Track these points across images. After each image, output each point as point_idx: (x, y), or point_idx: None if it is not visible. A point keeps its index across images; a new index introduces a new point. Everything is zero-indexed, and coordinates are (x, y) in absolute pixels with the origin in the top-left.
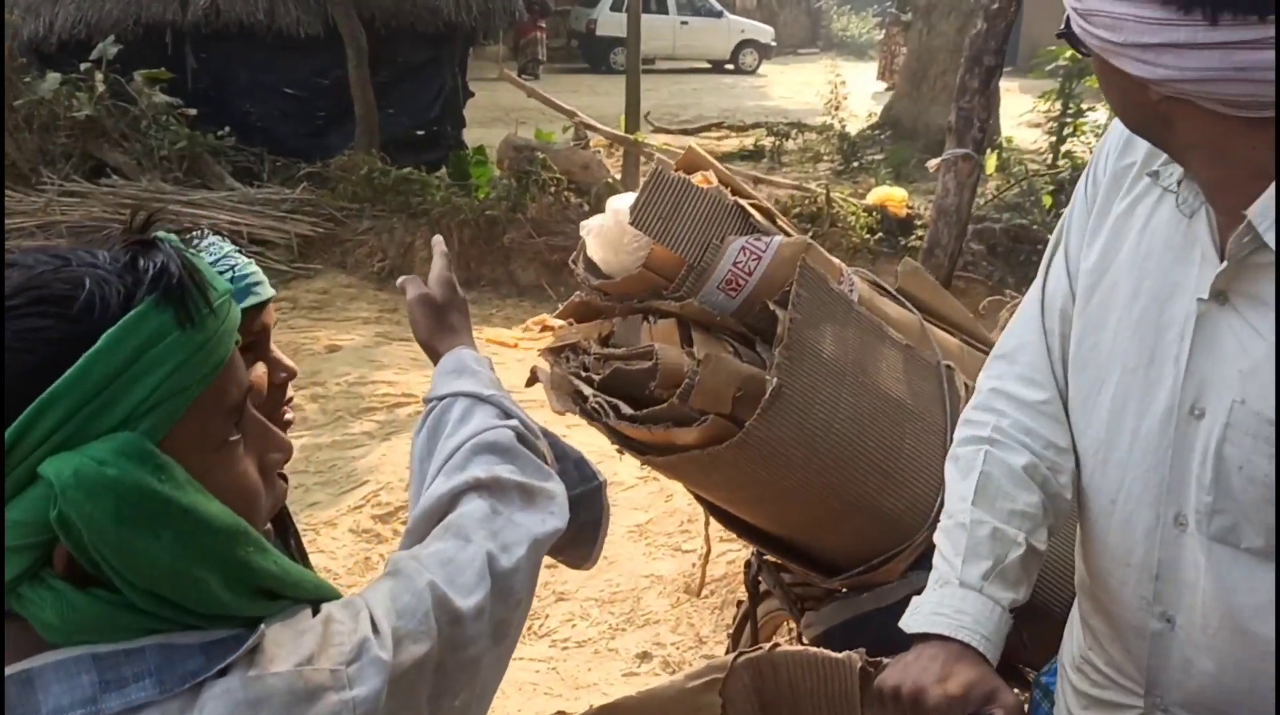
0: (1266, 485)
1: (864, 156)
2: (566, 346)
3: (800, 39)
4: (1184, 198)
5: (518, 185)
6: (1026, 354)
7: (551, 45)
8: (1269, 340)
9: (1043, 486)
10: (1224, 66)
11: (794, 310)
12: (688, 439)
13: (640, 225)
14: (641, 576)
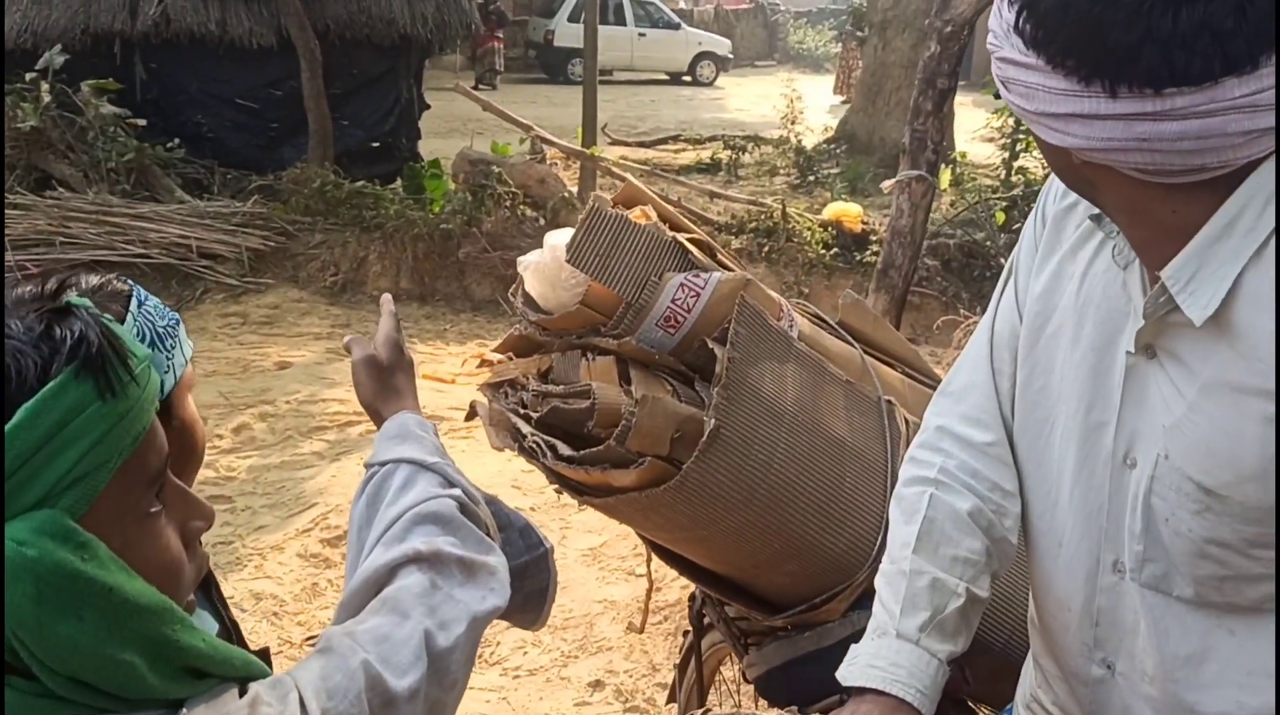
0: (1192, 540)
1: (820, 170)
2: (505, 382)
3: (758, 51)
4: (1119, 248)
5: (473, 199)
6: (974, 394)
7: (510, 55)
8: (1188, 399)
9: (987, 531)
10: (1127, 137)
11: (732, 348)
12: (625, 481)
13: (577, 263)
14: (594, 602)
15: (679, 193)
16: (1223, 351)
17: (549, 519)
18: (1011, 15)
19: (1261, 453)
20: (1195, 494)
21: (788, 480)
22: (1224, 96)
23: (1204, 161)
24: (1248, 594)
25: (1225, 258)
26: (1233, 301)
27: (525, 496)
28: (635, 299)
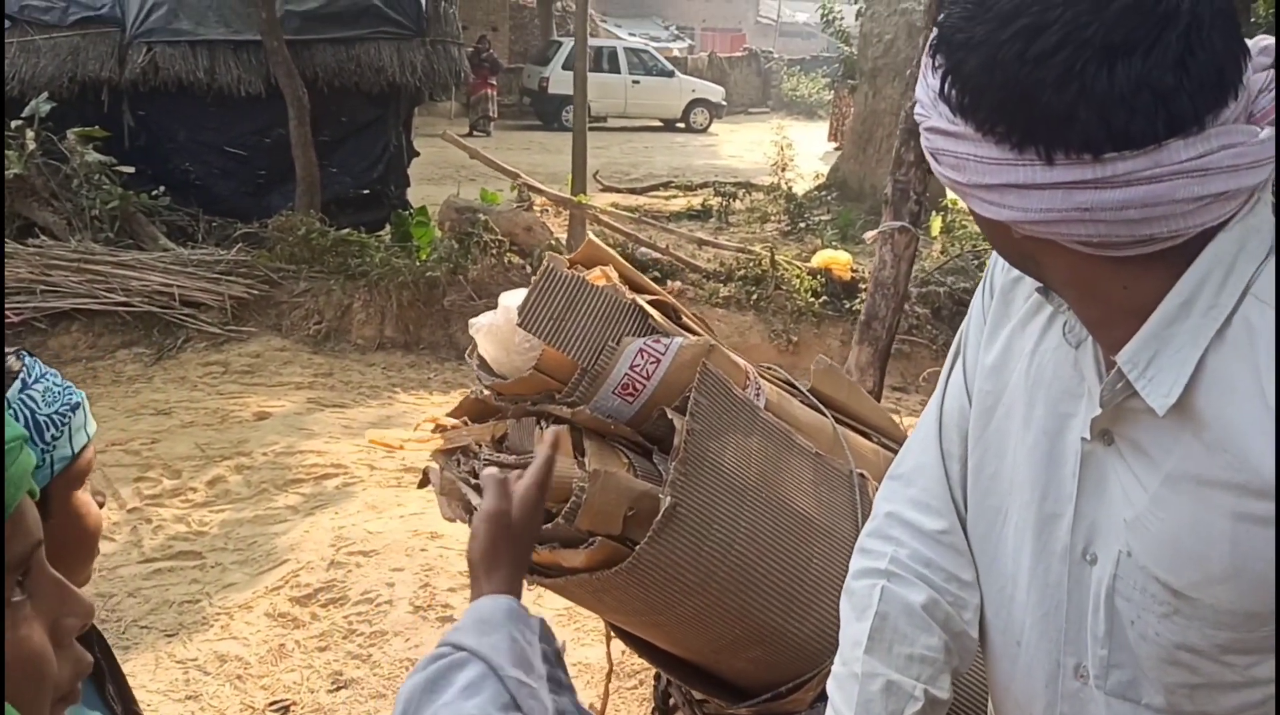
0: (1161, 645)
1: (811, 217)
2: (458, 448)
3: (751, 99)
4: (1070, 326)
5: (459, 247)
6: (924, 477)
7: (504, 102)
8: (1150, 491)
9: (944, 626)
10: (1067, 207)
11: (692, 419)
12: (575, 562)
13: (529, 327)
14: (570, 665)
15: (668, 240)
16: (1186, 441)
17: None
18: (936, 81)
19: (1231, 552)
20: (1162, 595)
21: (750, 561)
22: (1169, 160)
23: (1152, 231)
24: (1222, 703)
25: (1185, 340)
26: (1195, 387)
27: None
28: (591, 365)
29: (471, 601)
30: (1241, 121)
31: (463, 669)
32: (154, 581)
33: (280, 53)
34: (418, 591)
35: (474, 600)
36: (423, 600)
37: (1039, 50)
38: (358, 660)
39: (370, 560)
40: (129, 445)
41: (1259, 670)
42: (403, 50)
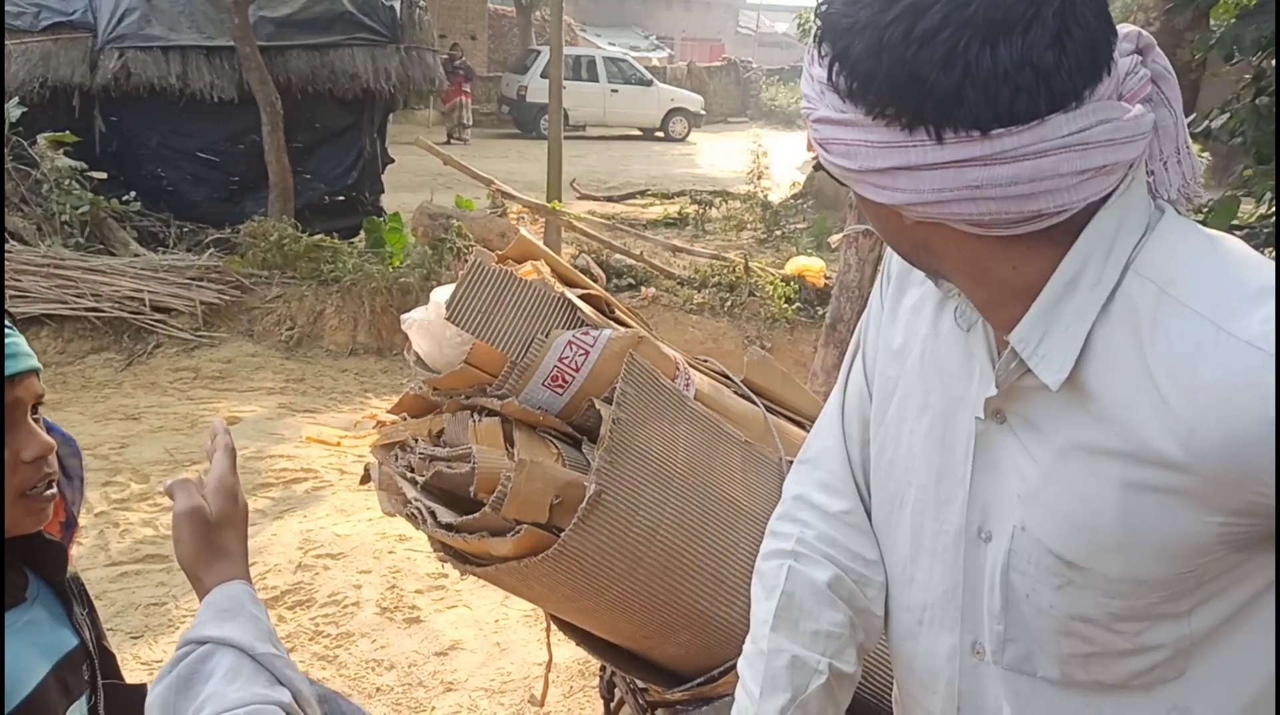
0: (1055, 616)
1: (787, 225)
2: (397, 443)
3: (730, 108)
4: (961, 310)
5: (432, 253)
6: (828, 460)
7: (483, 111)
8: (1042, 465)
9: (849, 602)
10: (958, 185)
11: (618, 408)
12: (503, 550)
13: (458, 320)
14: (535, 665)
15: (643, 247)
16: (1076, 415)
17: None
18: (823, 70)
19: (1121, 520)
20: (1055, 567)
21: (677, 547)
22: (1053, 134)
23: (1040, 207)
24: (1115, 671)
25: (1072, 317)
26: (1084, 362)
27: None
28: (520, 358)
29: (200, 601)
30: (1114, 99)
31: (213, 659)
32: (120, 585)
33: (253, 58)
34: (385, 593)
35: (202, 598)
36: (390, 602)
37: (923, 30)
38: (324, 661)
39: (338, 563)
40: (97, 450)
41: (1148, 637)
42: (377, 57)
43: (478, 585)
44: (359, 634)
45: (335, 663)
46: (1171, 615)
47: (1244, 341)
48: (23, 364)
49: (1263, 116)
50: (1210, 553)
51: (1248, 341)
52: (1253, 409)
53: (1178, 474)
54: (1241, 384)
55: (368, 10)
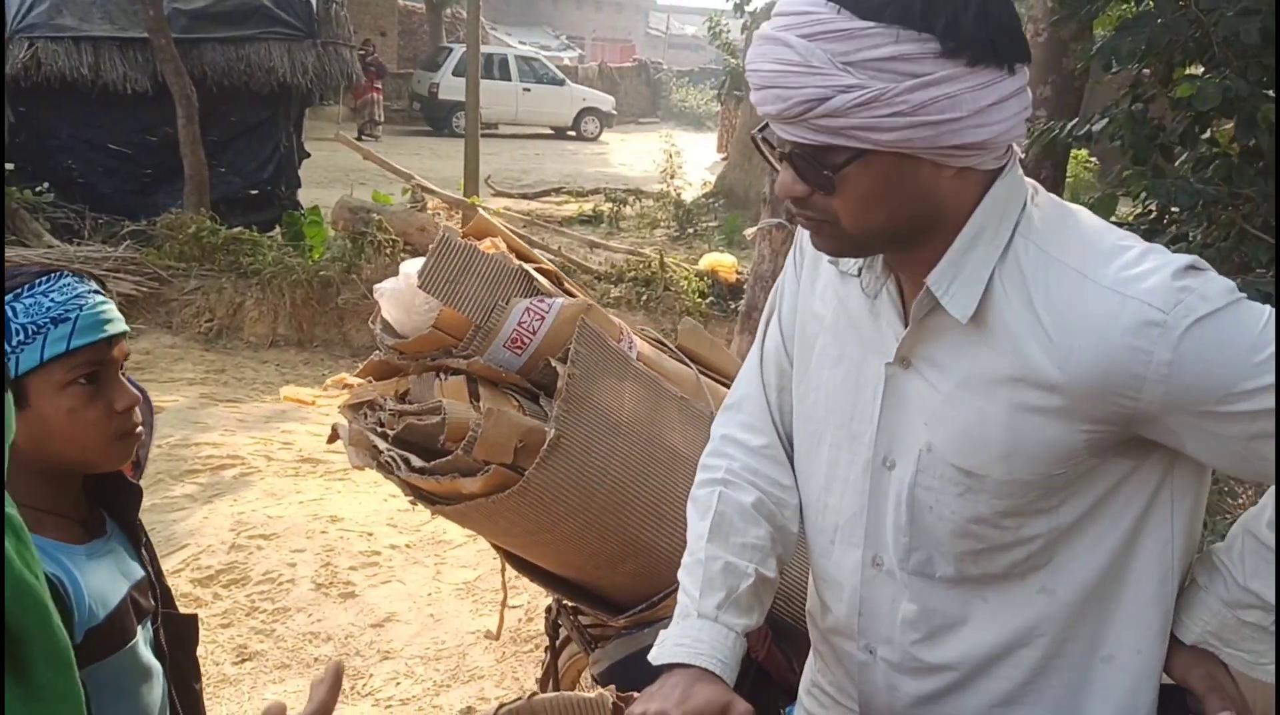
0: (955, 521)
1: (699, 223)
2: (365, 403)
3: (641, 109)
4: (866, 282)
5: (352, 246)
6: (749, 404)
7: (394, 108)
8: (944, 393)
9: (769, 520)
10: (1018, 109)
11: (572, 366)
12: (473, 488)
13: (428, 288)
14: (468, 633)
15: (560, 243)
16: (975, 350)
17: (425, 555)
18: (924, 45)
19: (1009, 434)
20: (957, 477)
21: (624, 485)
22: (1023, 80)
23: (1015, 135)
24: (999, 562)
25: (976, 265)
26: (985, 304)
27: (401, 535)
28: (484, 322)
29: None
30: None
31: None
32: None
33: (168, 51)
34: (319, 570)
35: None
36: (324, 578)
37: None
38: (261, 635)
39: (271, 543)
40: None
41: (1026, 530)
42: (293, 51)
43: (410, 561)
44: (295, 609)
45: (272, 636)
46: (1045, 510)
47: (1105, 287)
48: (119, 327)
49: (1138, 121)
50: (1076, 457)
51: (1108, 287)
52: (1112, 336)
53: (1055, 393)
54: (1104, 317)
55: (283, 5)
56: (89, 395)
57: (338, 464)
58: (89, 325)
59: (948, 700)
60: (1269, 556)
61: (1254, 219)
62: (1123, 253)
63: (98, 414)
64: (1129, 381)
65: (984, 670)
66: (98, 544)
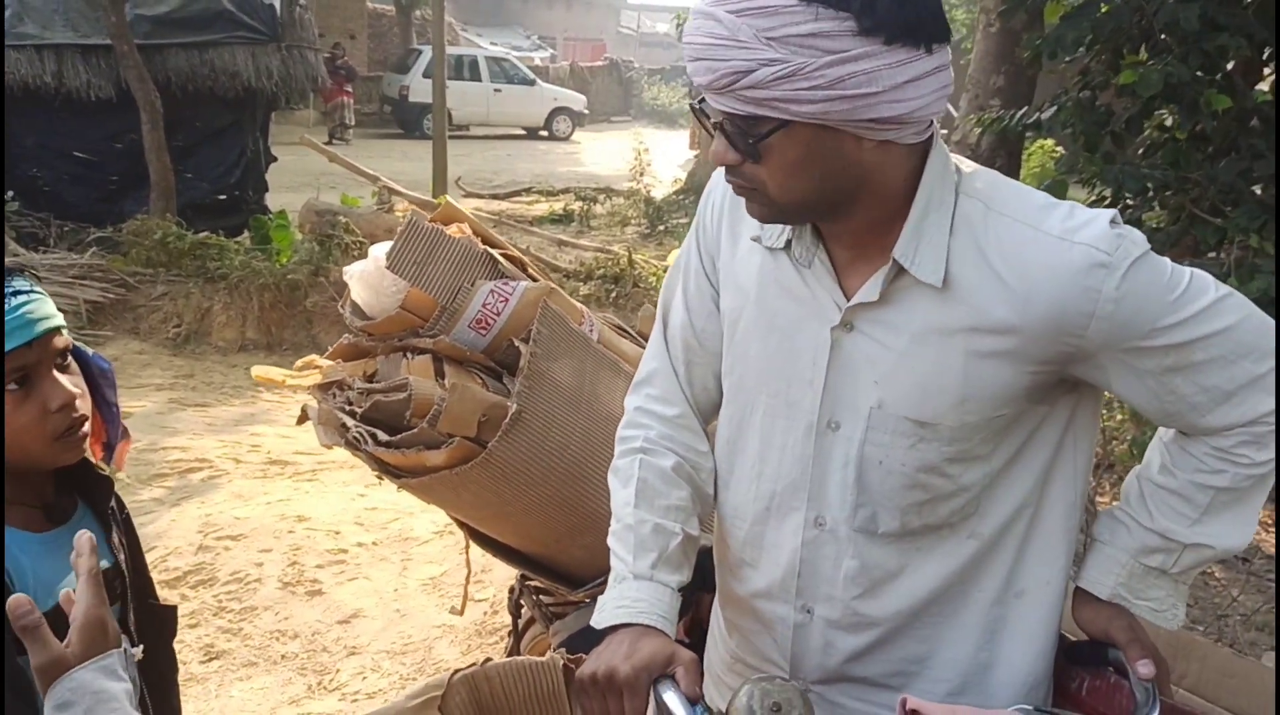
0: (905, 473)
1: (669, 220)
2: (333, 383)
3: (613, 107)
4: (798, 253)
5: (320, 249)
6: (659, 378)
7: (365, 111)
8: (897, 350)
9: (689, 482)
10: (936, 87)
11: (534, 345)
12: (437, 461)
13: (396, 269)
14: (434, 627)
15: (529, 242)
16: (930, 304)
17: (391, 552)
18: (841, 22)
19: (964, 380)
20: (909, 430)
21: (582, 459)
22: (946, 59)
23: (934, 110)
24: (940, 512)
25: (933, 231)
26: (946, 264)
27: (368, 533)
28: (450, 303)
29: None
30: None
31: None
32: None
33: (131, 57)
34: (286, 570)
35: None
36: (291, 577)
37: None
38: (228, 634)
39: (238, 544)
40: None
41: (965, 478)
42: (258, 55)
43: (376, 559)
44: (262, 607)
45: (240, 635)
46: (982, 456)
47: (1054, 236)
48: (47, 325)
49: (1087, 109)
50: (1017, 400)
51: (1056, 236)
52: (1066, 277)
53: (1011, 336)
54: (1058, 262)
55: (247, 8)
56: (18, 399)
57: (305, 466)
58: (12, 329)
59: (880, 650)
60: (1170, 497)
61: (1202, 203)
62: (1055, 206)
63: (31, 417)
64: (1079, 319)
65: (916, 617)
66: (60, 532)
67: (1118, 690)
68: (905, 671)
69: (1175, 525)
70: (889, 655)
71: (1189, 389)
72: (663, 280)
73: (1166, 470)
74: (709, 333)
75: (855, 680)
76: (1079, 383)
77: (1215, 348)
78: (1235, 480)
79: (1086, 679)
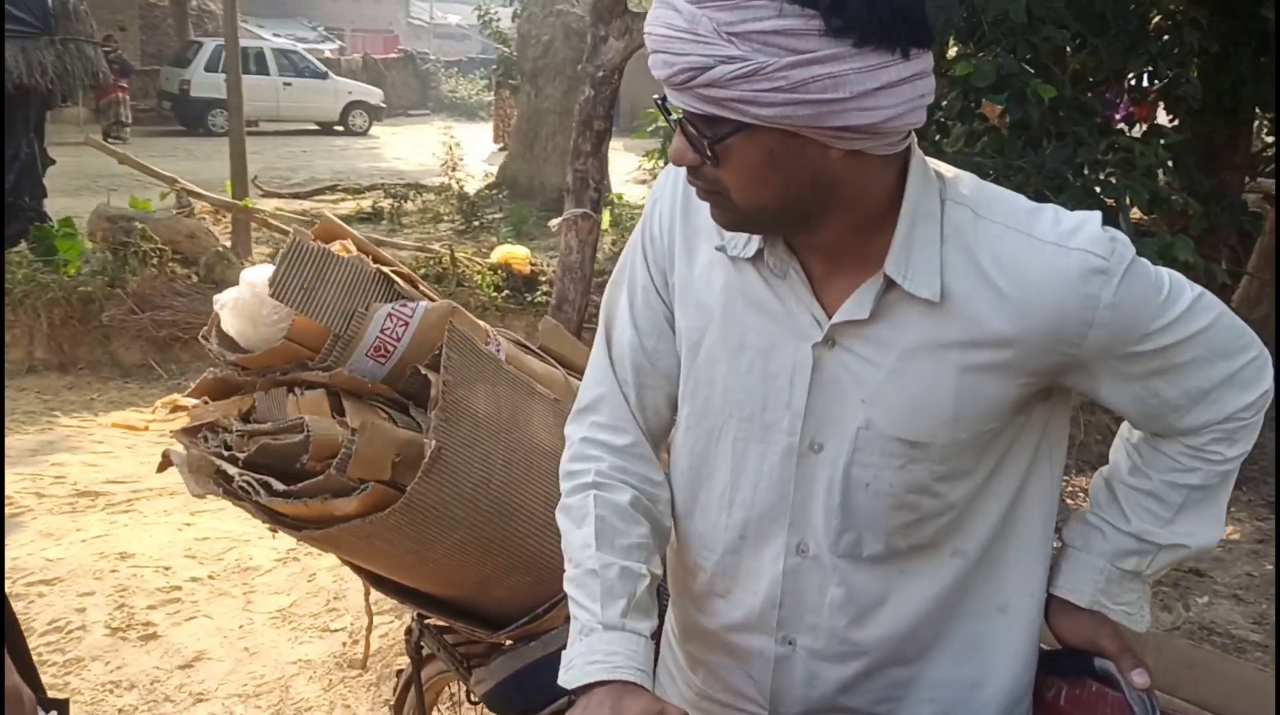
0: (893, 495)
1: (484, 216)
2: (204, 426)
3: (410, 101)
4: (771, 263)
5: (115, 258)
6: (606, 405)
7: (142, 107)
8: (886, 367)
9: (647, 517)
10: (912, 96)
11: (446, 372)
12: (348, 509)
13: (281, 297)
14: (288, 664)
15: None
16: (921, 319)
17: (231, 585)
18: (807, 20)
19: (956, 397)
20: (899, 450)
21: (508, 494)
22: (928, 65)
23: (919, 119)
24: (925, 532)
25: (923, 243)
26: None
27: (202, 566)
28: (343, 330)
29: None
30: None
31: None
32: None
33: None
34: (113, 613)
35: None
36: (120, 621)
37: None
38: (54, 690)
39: (54, 588)
40: None
41: (952, 495)
42: (29, 50)
43: (215, 594)
44: (90, 657)
45: (67, 690)
46: (967, 472)
47: (1048, 243)
48: None
49: None
50: (1004, 413)
51: (1051, 242)
52: (1065, 285)
53: (1007, 349)
54: (1056, 270)
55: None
56: None
57: (119, 496)
58: None
59: (867, 679)
60: (1144, 499)
61: (1026, 189)
62: (1040, 210)
63: None
64: (1078, 328)
65: (904, 641)
66: None
67: (1100, 699)
68: (891, 698)
69: (1152, 526)
70: (876, 683)
71: (1171, 392)
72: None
73: (1139, 471)
74: (660, 352)
75: (839, 711)
76: (1053, 390)
77: (1196, 348)
78: (1207, 477)
79: (1065, 688)
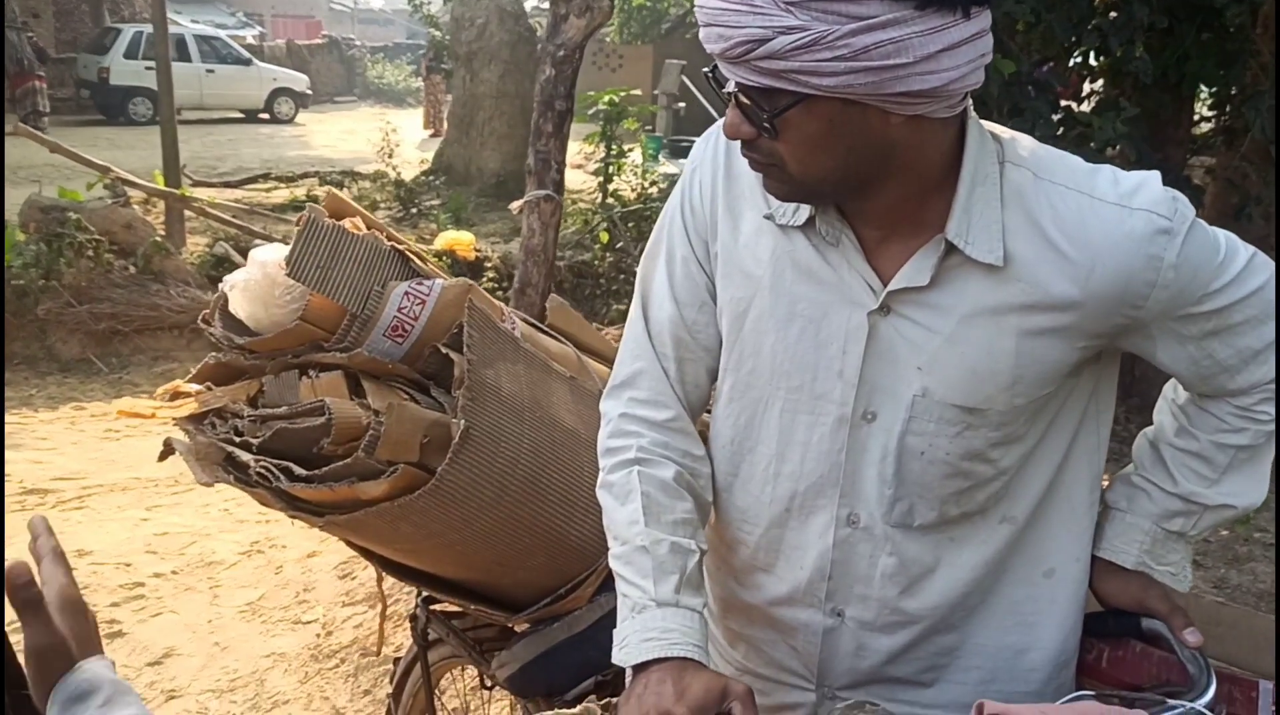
0: (948, 462)
1: (421, 203)
2: (210, 412)
3: (336, 87)
4: (823, 230)
5: (49, 250)
6: (644, 379)
7: (59, 96)
8: (944, 333)
9: (690, 491)
10: (974, 56)
11: (469, 352)
12: (375, 492)
13: (298, 276)
14: (262, 658)
15: (283, 231)
16: (981, 283)
17: (196, 580)
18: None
19: (1016, 362)
20: (956, 417)
21: (535, 474)
22: (987, 22)
23: (975, 80)
24: (977, 499)
25: (983, 207)
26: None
27: (164, 561)
28: (361, 310)
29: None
30: None
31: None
32: None
33: None
34: None
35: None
36: None
37: None
38: None
39: None
40: None
41: (1005, 461)
42: None
43: (180, 589)
44: None
45: None
46: (1020, 437)
47: (1110, 203)
48: None
49: None
50: (1061, 376)
51: (1113, 203)
52: (1131, 246)
53: (1069, 312)
54: (1120, 231)
55: None
56: None
57: (69, 492)
58: None
59: (915, 648)
60: (1191, 460)
61: None
62: (1099, 170)
63: None
64: (1142, 289)
65: (952, 610)
66: None
67: (1145, 659)
68: (937, 665)
69: (1199, 487)
70: (923, 651)
71: (1225, 352)
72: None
73: (1186, 432)
74: (701, 324)
75: (886, 681)
76: (1104, 353)
77: (1251, 308)
78: (1255, 437)
79: (1106, 650)
